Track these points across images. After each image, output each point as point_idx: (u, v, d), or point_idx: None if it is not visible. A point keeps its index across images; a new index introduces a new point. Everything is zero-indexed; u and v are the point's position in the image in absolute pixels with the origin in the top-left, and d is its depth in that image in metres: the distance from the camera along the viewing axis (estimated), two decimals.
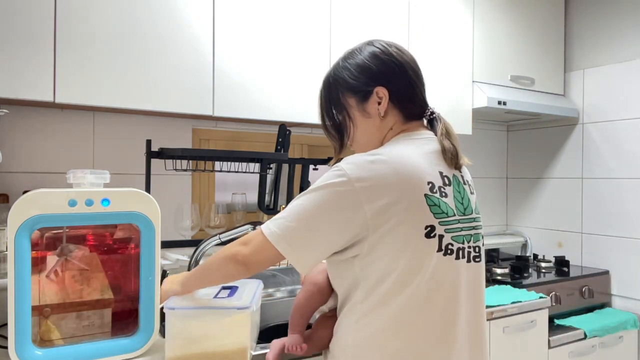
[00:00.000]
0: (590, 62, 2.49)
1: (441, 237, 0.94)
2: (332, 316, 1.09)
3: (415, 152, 0.98)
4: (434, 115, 1.07)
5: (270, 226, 0.96)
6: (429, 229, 0.93)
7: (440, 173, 0.98)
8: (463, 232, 0.98)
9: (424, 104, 1.08)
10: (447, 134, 1.04)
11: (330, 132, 1.11)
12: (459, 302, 0.97)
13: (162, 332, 1.15)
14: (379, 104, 1.04)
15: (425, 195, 0.93)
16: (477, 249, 1.02)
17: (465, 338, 0.98)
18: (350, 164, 0.94)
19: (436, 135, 1.04)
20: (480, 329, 1.03)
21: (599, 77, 2.45)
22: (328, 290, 1.11)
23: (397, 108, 1.05)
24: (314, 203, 0.93)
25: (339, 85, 1.08)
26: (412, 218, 0.92)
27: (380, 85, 1.03)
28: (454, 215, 0.97)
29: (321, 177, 0.96)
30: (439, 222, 0.94)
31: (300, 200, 0.95)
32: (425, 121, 1.08)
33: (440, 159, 1.00)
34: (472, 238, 1.01)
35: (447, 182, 0.98)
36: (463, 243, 0.98)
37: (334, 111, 1.09)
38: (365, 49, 1.07)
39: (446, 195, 0.97)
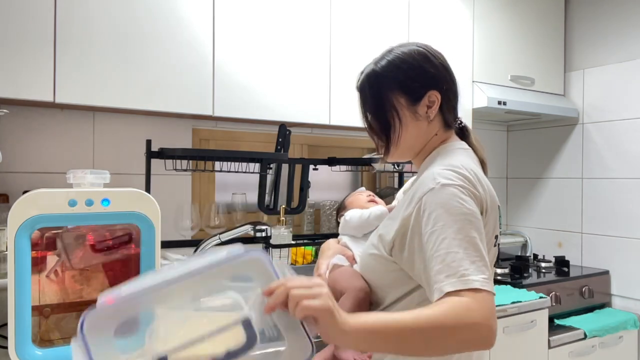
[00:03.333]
0: (590, 62, 2.49)
1: (499, 245, 0.99)
2: None
3: (477, 164, 1.00)
4: (463, 124, 1.08)
5: (474, 277, 0.81)
6: (495, 238, 0.97)
7: None
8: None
9: (457, 112, 1.08)
10: (478, 144, 1.06)
11: (375, 131, 1.05)
12: None
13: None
14: (429, 107, 1.01)
15: (498, 206, 0.97)
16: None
17: None
18: (458, 177, 0.89)
19: (471, 146, 1.05)
20: None
21: (599, 77, 2.45)
22: (369, 292, 1.06)
23: (442, 114, 1.03)
24: (471, 230, 0.84)
25: (389, 82, 1.01)
26: (491, 229, 0.94)
27: (435, 89, 1.00)
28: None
29: (436, 200, 0.87)
30: (500, 232, 1.01)
31: (462, 234, 0.84)
32: (457, 130, 1.08)
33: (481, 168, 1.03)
34: None
35: None
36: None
37: (382, 109, 1.03)
38: (413, 48, 1.03)
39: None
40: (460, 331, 0.78)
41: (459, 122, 1.07)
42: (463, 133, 1.07)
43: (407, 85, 1.01)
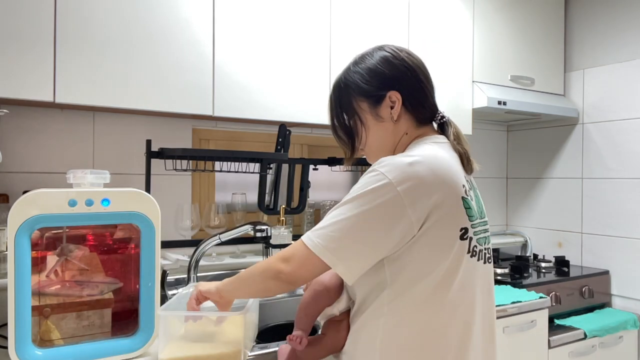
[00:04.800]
0: (590, 62, 2.49)
1: (470, 239, 0.97)
2: (342, 320, 1.08)
3: (447, 154, 0.99)
4: (445, 119, 1.08)
5: (313, 237, 0.92)
6: (463, 231, 0.95)
7: (465, 177, 1.01)
8: (481, 235, 1.01)
9: (434, 108, 1.09)
10: (459, 138, 1.05)
11: (340, 136, 1.11)
12: (477, 302, 0.99)
13: None
14: (392, 108, 1.04)
15: (462, 197, 0.96)
16: (489, 251, 1.06)
17: (480, 337, 1.00)
18: (389, 166, 0.92)
19: (448, 140, 1.06)
20: (493, 327, 1.06)
21: (599, 77, 2.45)
22: (335, 292, 1.10)
23: (409, 112, 1.05)
24: (357, 212, 0.90)
25: (351, 89, 1.07)
26: (451, 220, 0.93)
27: (393, 89, 1.03)
28: (478, 218, 1.00)
29: (358, 183, 0.94)
30: (471, 225, 0.97)
31: (341, 210, 0.92)
32: (435, 125, 1.09)
33: (460, 163, 1.02)
34: (486, 240, 1.04)
35: (470, 186, 1.01)
36: (482, 245, 1.01)
37: (345, 116, 1.09)
38: (377, 53, 1.07)
39: (472, 199, 1.00)
40: (263, 272, 0.97)
41: (439, 117, 1.08)
42: (443, 128, 1.08)
43: (366, 90, 1.05)
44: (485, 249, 1.03)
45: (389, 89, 1.03)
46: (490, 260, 1.05)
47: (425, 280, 0.92)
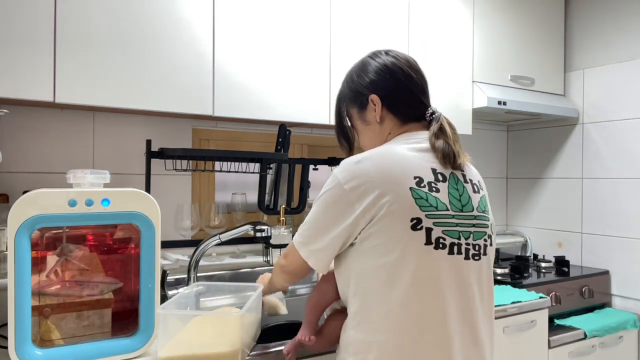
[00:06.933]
0: (590, 62, 2.49)
1: (429, 229, 0.96)
2: (343, 312, 1.13)
3: (404, 148, 1.03)
4: (434, 115, 1.10)
5: (296, 236, 1.08)
6: (415, 221, 0.96)
7: (433, 170, 1.01)
8: (459, 228, 1.00)
9: (422, 106, 1.11)
10: (441, 133, 1.06)
11: (341, 142, 1.23)
12: (448, 297, 0.97)
13: None
14: (375, 110, 1.11)
15: (411, 188, 0.97)
16: (477, 247, 1.02)
17: (458, 334, 0.98)
18: (340, 167, 1.03)
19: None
20: (476, 327, 1.01)
21: (599, 77, 2.45)
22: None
23: (391, 112, 1.11)
24: (319, 209, 1.04)
25: (343, 97, 1.19)
26: (397, 211, 0.95)
27: (373, 92, 1.11)
28: (446, 210, 0.99)
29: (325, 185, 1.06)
30: (426, 215, 0.97)
31: (313, 208, 1.06)
32: (427, 122, 1.11)
33: (434, 158, 1.03)
34: (471, 235, 1.01)
35: (440, 178, 1.01)
36: (459, 239, 0.99)
37: (342, 122, 1.21)
38: (364, 60, 1.15)
39: (437, 191, 0.99)
40: (275, 269, 1.20)
41: (429, 113, 1.11)
42: (432, 124, 1.10)
43: (351, 97, 1.16)
44: (468, 243, 1.00)
45: (369, 92, 1.11)
46: (477, 257, 1.02)
47: (381, 272, 0.96)
